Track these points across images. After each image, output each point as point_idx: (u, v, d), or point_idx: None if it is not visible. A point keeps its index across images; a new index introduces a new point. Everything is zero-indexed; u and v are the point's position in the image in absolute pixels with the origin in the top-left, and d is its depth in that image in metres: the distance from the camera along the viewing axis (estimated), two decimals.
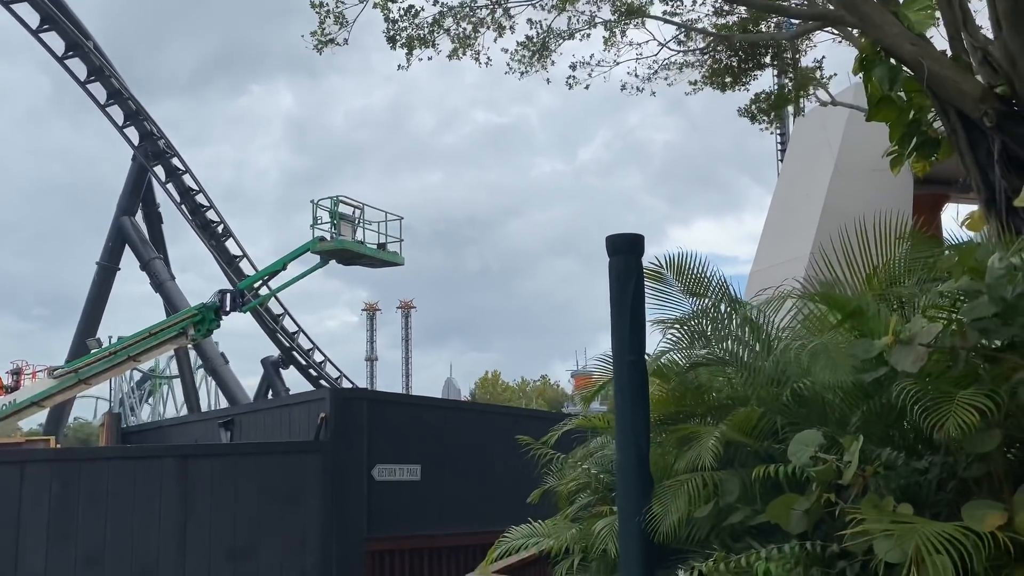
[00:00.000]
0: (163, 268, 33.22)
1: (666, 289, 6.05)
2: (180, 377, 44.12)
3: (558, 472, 7.19)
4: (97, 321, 34.16)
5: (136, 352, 20.70)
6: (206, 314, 20.42)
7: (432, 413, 12.59)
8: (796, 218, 18.33)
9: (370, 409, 11.24)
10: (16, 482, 8.89)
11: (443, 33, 13.09)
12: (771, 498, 4.61)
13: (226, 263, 35.77)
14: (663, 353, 6.03)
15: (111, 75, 32.83)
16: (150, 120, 34.14)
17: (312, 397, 11.90)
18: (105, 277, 34.03)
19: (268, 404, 17.07)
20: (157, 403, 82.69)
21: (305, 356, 39.66)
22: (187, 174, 35.24)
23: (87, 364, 20.61)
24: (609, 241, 5.63)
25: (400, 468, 11.21)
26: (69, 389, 21.05)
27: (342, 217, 20.49)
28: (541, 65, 14.21)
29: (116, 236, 33.68)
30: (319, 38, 12.20)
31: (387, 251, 21.46)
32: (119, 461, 9.70)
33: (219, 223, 36.17)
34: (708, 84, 14.80)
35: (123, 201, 33.89)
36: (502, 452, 11.66)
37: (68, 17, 31.77)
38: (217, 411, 19.34)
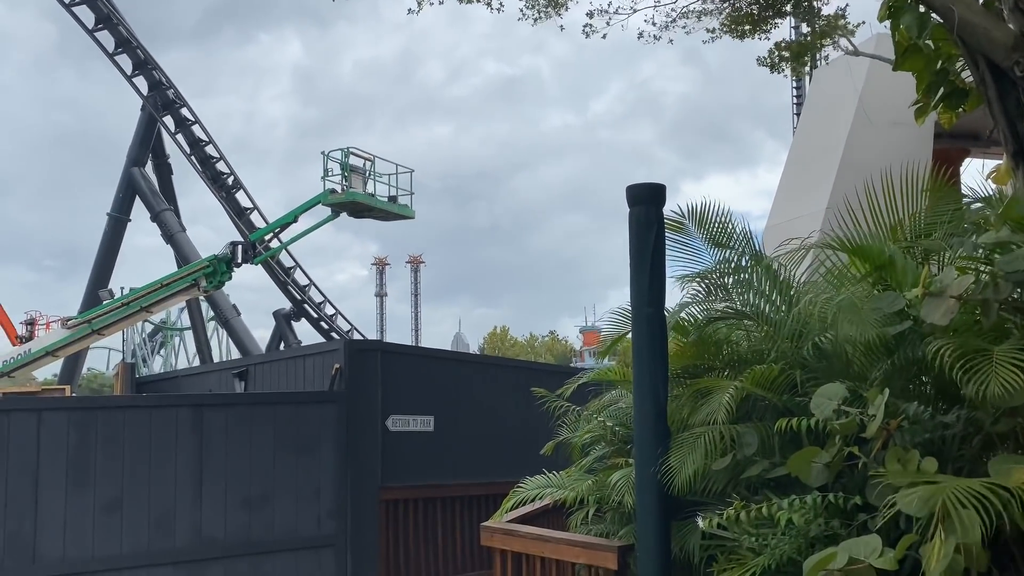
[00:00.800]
0: (174, 220, 33.15)
1: (687, 240, 5.97)
2: (192, 329, 44.36)
3: (572, 425, 7.20)
4: (109, 272, 34.22)
5: (148, 303, 20.84)
6: (218, 266, 20.48)
7: (446, 365, 12.60)
8: (813, 172, 18.06)
9: (384, 360, 11.25)
10: (34, 429, 8.97)
11: None
12: (790, 452, 4.58)
13: (236, 215, 35.66)
14: (683, 307, 5.97)
15: (119, 23, 32.41)
16: (159, 69, 33.77)
17: (326, 348, 11.94)
18: (116, 228, 34.00)
19: (282, 355, 17.15)
20: (169, 355, 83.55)
21: (316, 309, 39.78)
22: (196, 125, 34.94)
23: (100, 315, 20.78)
24: (630, 191, 5.53)
25: (414, 419, 11.26)
26: (82, 339, 21.25)
27: (353, 169, 20.35)
28: (556, 12, 13.90)
29: (126, 187, 33.56)
30: None
31: (398, 204, 21.34)
32: (134, 409, 9.75)
33: (229, 175, 35.96)
34: (727, 32, 14.46)
35: (133, 152, 33.69)
36: (516, 405, 11.69)
37: None
38: (231, 361, 19.48)
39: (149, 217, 33.16)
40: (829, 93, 19.49)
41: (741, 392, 4.88)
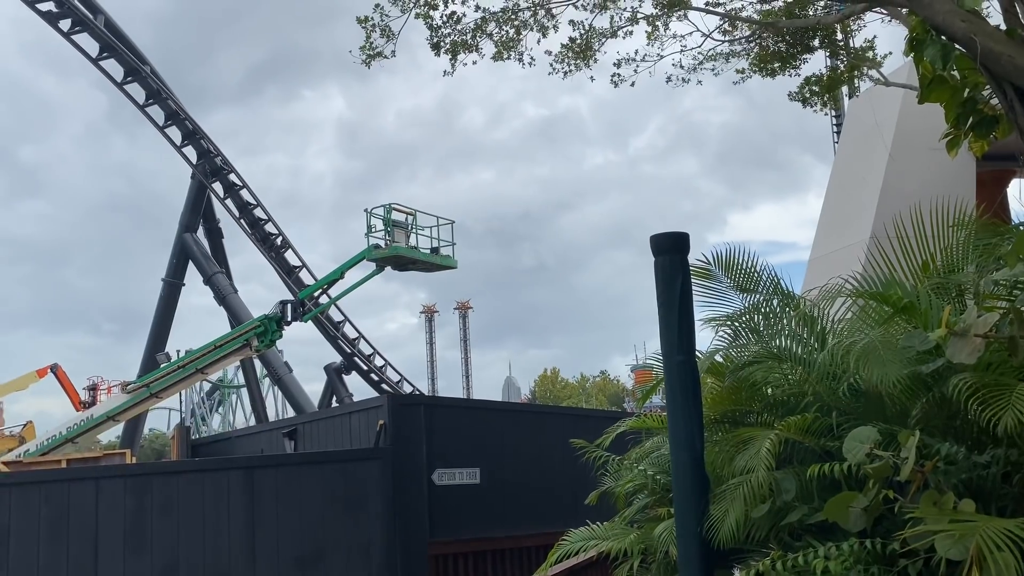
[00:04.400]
0: (225, 282, 34.11)
1: (715, 285, 5.99)
2: (247, 387, 45.19)
3: (615, 473, 7.16)
4: (165, 335, 35.26)
5: (203, 365, 21.34)
6: (268, 325, 20.93)
7: (489, 416, 12.66)
8: (853, 203, 17.87)
9: (427, 414, 11.36)
10: (92, 497, 9.25)
11: (486, 37, 13.14)
12: (830, 496, 4.52)
13: (286, 273, 36.57)
14: (716, 351, 5.96)
15: (168, 97, 33.85)
16: (207, 138, 35.09)
17: (371, 404, 12.08)
18: (171, 292, 35.11)
19: (329, 413, 17.40)
20: (227, 412, 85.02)
21: (366, 361, 40.28)
22: (244, 189, 36.13)
23: (158, 378, 21.32)
24: (653, 241, 5.59)
25: (460, 472, 11.30)
26: (142, 403, 21.80)
27: (395, 224, 20.77)
28: (585, 64, 14.17)
29: (180, 252, 34.72)
30: (367, 52, 12.36)
31: (440, 255, 21.67)
32: (188, 474, 10.01)
33: (278, 235, 36.98)
34: (756, 72, 14.56)
35: (184, 218, 34.91)
36: (560, 453, 11.64)
37: (126, 44, 32.86)
38: (281, 421, 19.79)
39: (202, 280, 34.18)
40: (865, 122, 19.35)
41: (778, 442, 4.84)
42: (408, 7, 11.97)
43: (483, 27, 12.92)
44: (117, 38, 32.43)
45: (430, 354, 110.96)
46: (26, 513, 9.15)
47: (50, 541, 9.20)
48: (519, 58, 13.47)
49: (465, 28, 12.72)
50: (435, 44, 12.71)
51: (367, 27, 12.18)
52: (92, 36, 31.42)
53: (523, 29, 13.21)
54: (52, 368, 34.48)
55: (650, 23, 14.00)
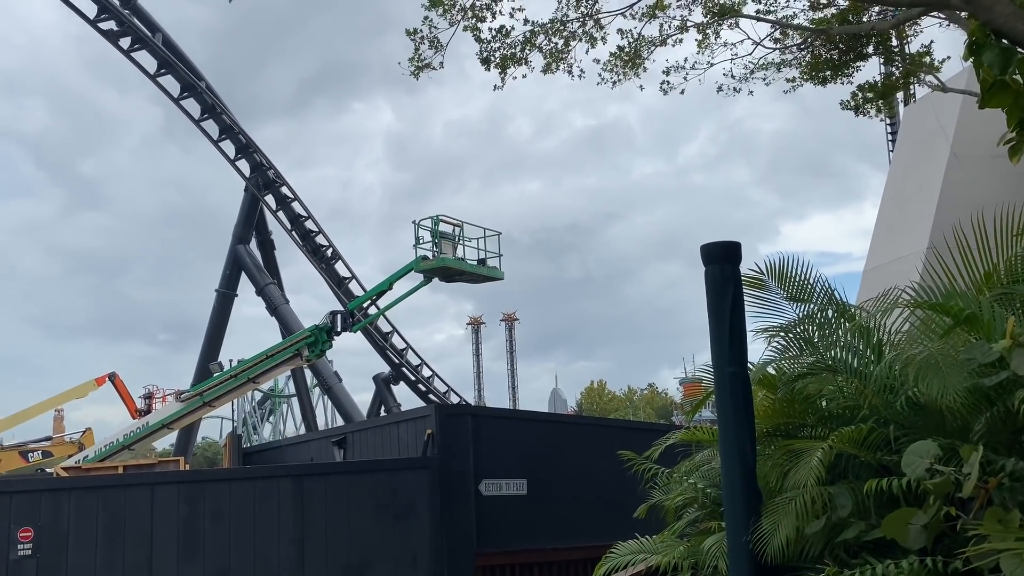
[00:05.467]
0: (277, 293, 34.70)
1: (767, 296, 5.89)
2: (297, 396, 45.84)
3: (664, 486, 7.06)
4: (218, 345, 35.99)
5: (255, 374, 21.68)
6: (319, 335, 21.19)
7: (536, 427, 12.62)
8: (910, 212, 17.42)
9: (475, 424, 11.36)
10: (147, 502, 9.44)
11: (535, 50, 13.17)
12: (887, 512, 4.39)
13: (336, 284, 37.08)
14: (768, 362, 5.85)
15: (222, 111, 34.67)
16: (260, 152, 35.82)
17: (418, 414, 12.14)
18: (224, 303, 35.83)
19: (377, 422, 17.55)
20: (277, 421, 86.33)
21: (414, 371, 40.57)
22: (296, 201, 36.77)
23: (211, 387, 21.73)
24: (704, 251, 5.52)
25: (506, 483, 11.26)
26: (195, 411, 22.22)
27: (442, 236, 20.89)
28: (634, 72, 14.10)
29: (233, 264, 35.44)
30: (415, 64, 12.47)
31: (487, 267, 21.72)
32: (239, 482, 10.17)
33: (328, 247, 37.54)
34: (808, 80, 14.32)
35: (238, 230, 35.64)
36: (607, 465, 11.53)
37: (182, 60, 33.78)
38: (330, 430, 20.01)
39: (254, 291, 34.81)
40: (921, 129, 18.89)
41: (830, 454, 4.72)
42: (456, 19, 12.05)
43: (532, 40, 12.95)
44: (174, 55, 33.35)
45: (476, 365, 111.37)
46: (84, 518, 9.39)
47: (107, 545, 9.43)
48: (568, 69, 13.47)
49: (514, 41, 12.76)
50: (484, 59, 12.77)
51: (416, 39, 12.29)
52: (151, 53, 32.38)
53: (572, 40, 13.20)
54: (110, 377, 35.42)
55: (700, 31, 13.88)
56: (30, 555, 9.31)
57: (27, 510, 9.25)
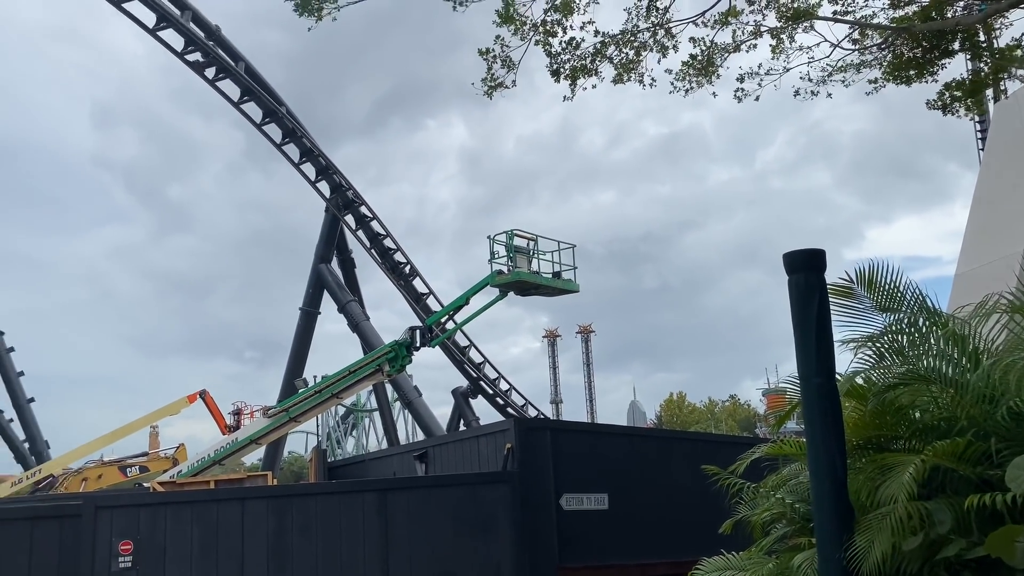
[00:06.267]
0: (358, 309, 35.43)
1: (854, 304, 5.72)
2: (379, 410, 46.61)
3: (750, 501, 6.90)
4: (303, 361, 36.92)
5: (338, 389, 22.16)
6: (399, 351, 21.53)
7: (616, 441, 12.50)
8: (1004, 212, 16.64)
9: (554, 438, 11.34)
10: (238, 517, 9.73)
11: (605, 61, 13.15)
12: (991, 529, 4.20)
13: (414, 300, 37.66)
14: (857, 373, 5.67)
15: (303, 135, 35.72)
16: (339, 173, 36.76)
17: (498, 428, 12.18)
18: (308, 321, 36.78)
19: (457, 436, 17.68)
20: (360, 435, 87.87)
21: (492, 385, 40.79)
22: (374, 220, 37.56)
23: (296, 403, 22.30)
24: (787, 259, 5.39)
25: (587, 497, 11.19)
26: (282, 427, 22.83)
27: (517, 250, 20.99)
28: (707, 80, 13.93)
29: (315, 283, 36.38)
30: (488, 83, 12.60)
31: (562, 279, 21.70)
32: (325, 496, 10.39)
33: (406, 264, 38.19)
34: (890, 80, 13.87)
35: (319, 250, 36.58)
36: (690, 479, 11.35)
37: (264, 87, 34.98)
38: (411, 444, 20.26)
39: (336, 308, 35.65)
40: (1013, 126, 18.06)
41: (925, 468, 4.53)
42: (527, 36, 12.15)
43: (602, 51, 12.94)
44: (256, 82, 34.56)
45: (553, 378, 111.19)
46: (180, 531, 9.75)
47: (201, 558, 9.76)
48: (639, 79, 13.40)
49: (584, 53, 12.78)
50: (555, 71, 12.82)
51: (488, 59, 12.42)
52: (234, 81, 33.63)
53: (643, 50, 13.14)
54: (201, 394, 36.72)
55: (774, 36, 13.62)
56: (130, 567, 9.71)
57: (127, 524, 9.66)
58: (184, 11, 31.63)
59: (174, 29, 31.11)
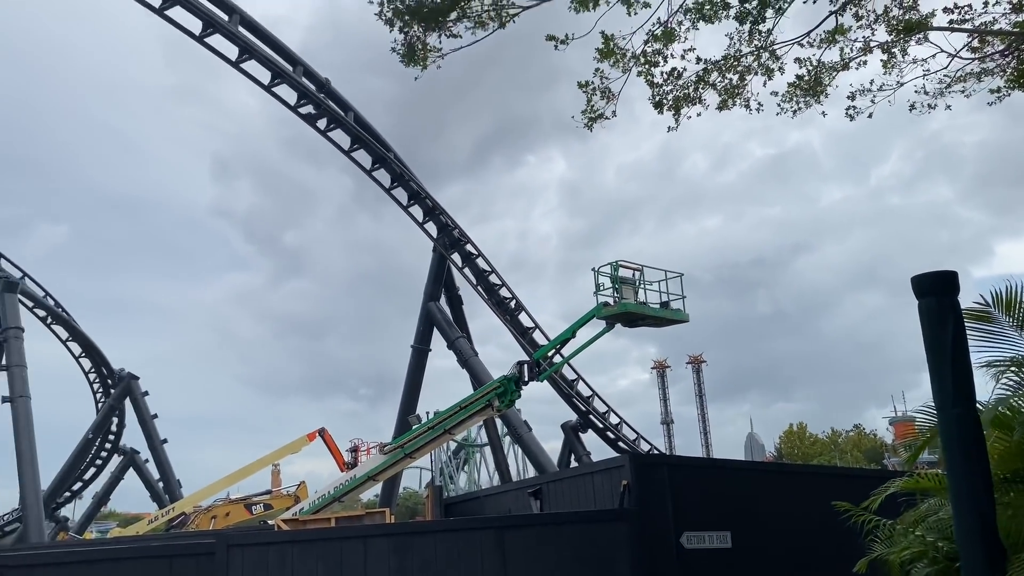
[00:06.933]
0: (467, 345, 35.91)
1: (992, 328, 5.38)
2: (490, 445, 46.84)
3: (887, 539, 6.54)
4: (416, 398, 37.63)
5: (450, 425, 22.41)
6: (508, 385, 21.62)
7: (737, 476, 12.10)
8: None
9: (672, 474, 11.08)
10: (361, 555, 9.93)
11: (708, 87, 12.99)
12: None
13: (520, 334, 37.87)
14: (1001, 401, 5.32)
15: (410, 179, 36.83)
16: (445, 213, 37.62)
17: (612, 464, 11.98)
18: (419, 358, 37.54)
19: (571, 472, 17.57)
20: (472, 470, 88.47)
21: (602, 419, 40.34)
22: (480, 257, 38.17)
23: (411, 439, 22.66)
24: (916, 282, 5.14)
25: (709, 535, 10.83)
26: (398, 463, 23.23)
27: (623, 281, 20.80)
28: (816, 100, 13.53)
29: (425, 320, 37.16)
30: (588, 115, 12.62)
31: (671, 309, 21.33)
32: (444, 533, 10.47)
33: (511, 299, 38.54)
34: (1015, 88, 13.10)
35: (428, 288, 37.41)
36: (818, 516, 10.83)
37: (373, 135, 36.33)
38: (525, 480, 20.24)
39: (446, 345, 36.26)
40: None
41: None
42: (628, 67, 12.14)
43: (705, 78, 12.79)
44: (365, 130, 35.92)
45: (664, 410, 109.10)
46: (305, 569, 10.02)
47: None
48: (745, 104, 13.15)
49: (687, 82, 12.65)
50: (657, 102, 12.74)
51: (587, 91, 12.46)
52: (344, 131, 35.06)
53: (747, 74, 12.91)
54: (320, 432, 37.95)
55: (885, 51, 13.13)
56: None
57: (257, 561, 10.01)
58: (296, 66, 33.29)
59: (287, 84, 32.76)
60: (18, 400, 34.62)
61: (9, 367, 35.76)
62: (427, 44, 11.22)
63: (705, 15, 12.07)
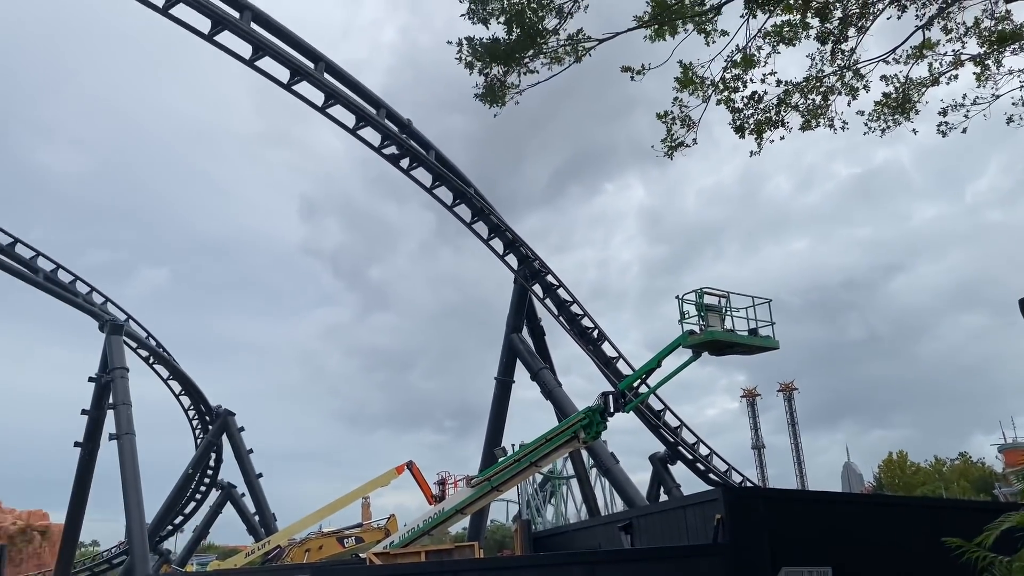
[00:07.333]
0: (550, 377, 35.85)
1: None
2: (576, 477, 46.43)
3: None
4: (500, 430, 37.69)
5: (536, 458, 22.33)
6: (593, 417, 21.43)
7: (837, 508, 11.63)
8: None
9: (767, 507, 10.74)
10: None
11: (791, 110, 12.77)
12: None
13: (604, 364, 37.58)
14: None
15: (490, 213, 37.30)
16: (525, 245, 37.87)
17: (705, 498, 11.70)
18: (503, 390, 37.66)
19: (662, 506, 17.25)
20: (559, 503, 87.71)
21: (691, 450, 39.50)
22: (561, 288, 38.20)
23: (497, 472, 22.68)
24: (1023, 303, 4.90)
25: (809, 571, 10.43)
26: (485, 496, 23.26)
27: (708, 308, 20.43)
28: (904, 117, 13.12)
29: (508, 352, 37.31)
30: (668, 144, 12.55)
31: (759, 336, 20.80)
32: (534, 568, 10.42)
33: (594, 328, 38.35)
34: None
35: (510, 320, 37.60)
36: (924, 550, 10.33)
37: (454, 172, 37.02)
38: (615, 514, 19.96)
39: (529, 376, 36.29)
40: None
41: None
42: (707, 95, 12.05)
43: (786, 100, 12.58)
44: (446, 168, 36.64)
45: (755, 440, 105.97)
46: None
47: None
48: (829, 124, 12.87)
49: (768, 105, 12.47)
50: (738, 127, 12.59)
51: (667, 121, 12.40)
52: (426, 169, 35.83)
53: (830, 94, 12.64)
54: (408, 465, 38.35)
55: (977, 63, 12.65)
56: None
57: None
58: (379, 109, 34.29)
59: (371, 127, 33.76)
60: (124, 437, 36.21)
61: (115, 405, 37.48)
62: (506, 83, 11.41)
63: (785, 38, 11.93)
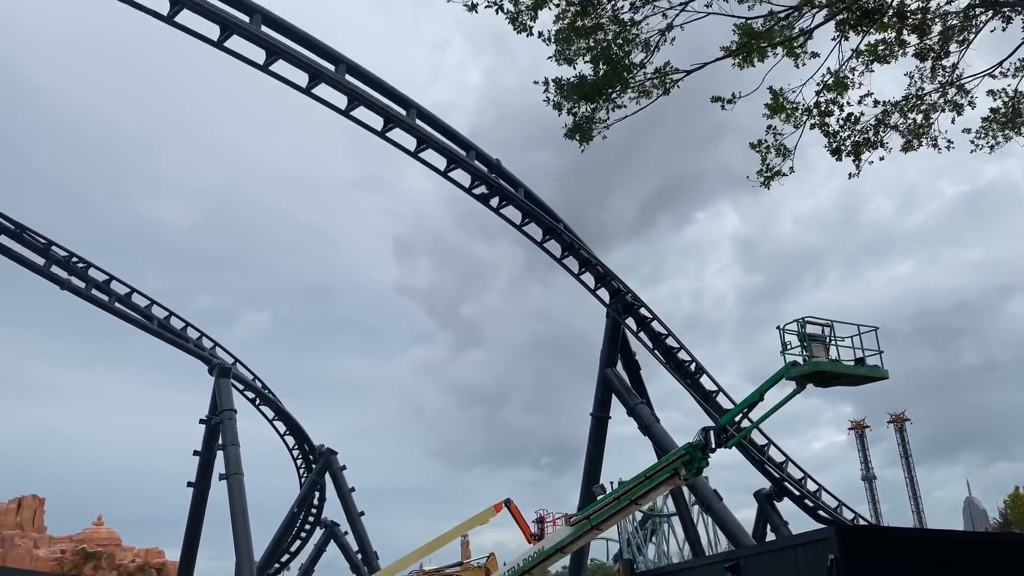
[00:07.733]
0: (647, 412, 35.22)
1: None
2: (679, 515, 45.28)
3: None
4: (598, 467, 37.16)
5: (636, 495, 21.88)
6: (693, 453, 20.88)
7: (958, 548, 10.94)
8: None
9: (883, 547, 10.20)
10: None
11: (890, 130, 12.36)
12: None
13: (703, 398, 36.70)
14: None
15: (580, 247, 37.25)
16: (616, 279, 37.60)
17: (816, 537, 11.21)
18: (599, 426, 37.21)
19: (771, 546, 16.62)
20: (660, 541, 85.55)
21: (797, 486, 37.99)
22: (655, 320, 37.66)
23: (597, 510, 22.33)
24: None
25: None
26: (585, 535, 22.87)
27: (812, 338, 19.73)
28: (1016, 132, 12.50)
29: (603, 387, 36.91)
30: (764, 175, 12.33)
31: (867, 366, 19.91)
32: None
33: (691, 361, 37.57)
34: None
35: (604, 354, 37.24)
36: None
37: (543, 208, 37.23)
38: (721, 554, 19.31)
39: (626, 412, 35.77)
40: None
41: None
42: (801, 121, 11.79)
43: (885, 120, 12.18)
44: (536, 204, 36.89)
45: (866, 474, 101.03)
46: None
47: None
48: (932, 143, 12.37)
49: (865, 127, 12.10)
50: (835, 149, 12.25)
51: (761, 150, 12.19)
52: (515, 207, 36.18)
53: (932, 112, 12.18)
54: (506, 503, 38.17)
55: None
56: None
57: None
58: (469, 151, 34.94)
59: (462, 168, 34.41)
60: (232, 477, 37.41)
61: (225, 446, 38.84)
62: (594, 119, 11.46)
63: (880, 56, 11.59)
